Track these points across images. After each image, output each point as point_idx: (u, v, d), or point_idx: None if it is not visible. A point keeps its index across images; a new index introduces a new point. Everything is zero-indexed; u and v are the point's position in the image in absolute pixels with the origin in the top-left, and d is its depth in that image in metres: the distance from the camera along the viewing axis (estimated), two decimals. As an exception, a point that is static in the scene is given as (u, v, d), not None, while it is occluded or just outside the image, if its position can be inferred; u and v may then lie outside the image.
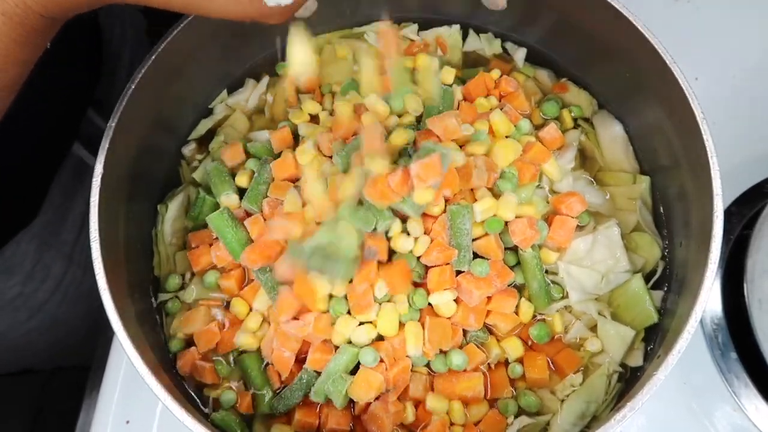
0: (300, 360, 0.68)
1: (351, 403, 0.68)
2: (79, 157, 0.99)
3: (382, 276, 0.66)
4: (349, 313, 0.67)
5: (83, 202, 1.02)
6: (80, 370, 0.89)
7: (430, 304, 0.68)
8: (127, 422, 0.79)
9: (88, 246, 0.64)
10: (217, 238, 0.73)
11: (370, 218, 0.65)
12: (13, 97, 0.57)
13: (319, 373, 0.67)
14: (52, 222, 0.96)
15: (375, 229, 0.66)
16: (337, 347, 0.67)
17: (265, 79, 0.86)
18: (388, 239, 0.67)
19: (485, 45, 0.86)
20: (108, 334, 0.85)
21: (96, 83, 1.00)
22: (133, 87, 0.69)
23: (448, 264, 0.67)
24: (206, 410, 0.70)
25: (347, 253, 0.63)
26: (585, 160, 0.81)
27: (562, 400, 0.68)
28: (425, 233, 0.68)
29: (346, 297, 0.66)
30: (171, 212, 0.78)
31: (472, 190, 0.71)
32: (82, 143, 0.98)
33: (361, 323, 0.67)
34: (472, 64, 0.86)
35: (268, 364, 0.70)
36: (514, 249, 0.71)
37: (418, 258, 0.67)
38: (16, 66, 0.54)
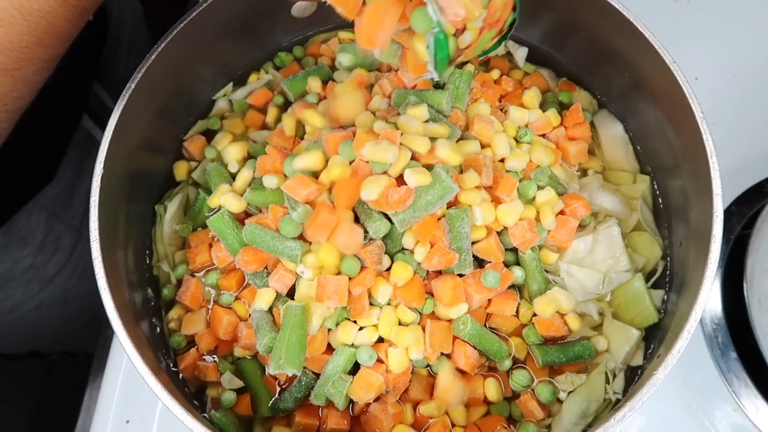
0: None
1: (350, 404, 0.67)
2: (87, 131, 1.01)
3: (399, 295, 0.66)
4: (348, 319, 0.67)
5: (91, 177, 1.03)
6: (83, 362, 0.89)
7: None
8: (127, 422, 0.79)
9: None
10: (217, 239, 0.72)
11: (359, 233, 0.64)
12: (54, 66, 0.63)
13: (317, 375, 0.67)
14: (62, 196, 0.98)
15: (370, 238, 0.65)
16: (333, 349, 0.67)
17: (265, 79, 0.86)
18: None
19: (487, 45, 0.86)
20: (108, 332, 0.86)
21: (99, 58, 1.01)
22: (133, 86, 0.68)
23: (450, 269, 0.66)
24: (204, 414, 0.70)
25: None
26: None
27: (561, 401, 0.68)
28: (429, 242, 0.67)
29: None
30: (170, 212, 0.77)
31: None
32: (90, 116, 1.01)
33: (361, 328, 0.66)
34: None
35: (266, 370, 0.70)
36: (514, 249, 0.71)
37: (419, 263, 0.67)
38: (64, 41, 0.61)
